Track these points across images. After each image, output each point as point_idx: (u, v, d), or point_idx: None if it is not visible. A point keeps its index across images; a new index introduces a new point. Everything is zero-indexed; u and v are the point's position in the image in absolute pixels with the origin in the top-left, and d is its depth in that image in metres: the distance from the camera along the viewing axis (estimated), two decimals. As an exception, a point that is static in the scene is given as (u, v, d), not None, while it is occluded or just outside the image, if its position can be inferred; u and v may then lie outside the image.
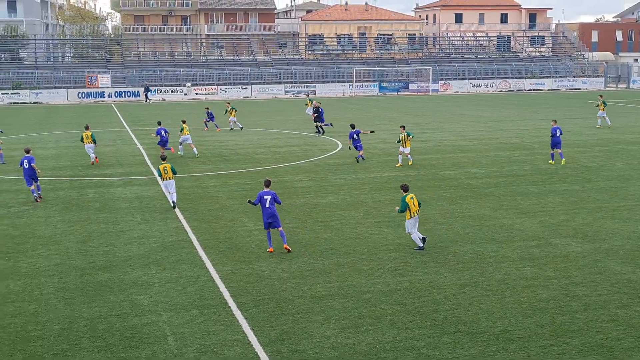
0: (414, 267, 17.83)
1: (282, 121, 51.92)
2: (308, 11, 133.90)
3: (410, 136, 32.95)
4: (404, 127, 33.32)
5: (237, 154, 37.64)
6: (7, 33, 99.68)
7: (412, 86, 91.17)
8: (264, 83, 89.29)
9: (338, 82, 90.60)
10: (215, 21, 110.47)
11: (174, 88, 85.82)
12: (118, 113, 65.30)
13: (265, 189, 19.23)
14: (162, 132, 35.48)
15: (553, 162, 33.04)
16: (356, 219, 22.99)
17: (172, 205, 24.58)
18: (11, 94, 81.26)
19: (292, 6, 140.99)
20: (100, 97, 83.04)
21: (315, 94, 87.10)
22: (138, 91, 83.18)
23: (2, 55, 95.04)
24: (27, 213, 24.33)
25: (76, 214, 24.17)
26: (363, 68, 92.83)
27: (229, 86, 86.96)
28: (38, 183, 26.85)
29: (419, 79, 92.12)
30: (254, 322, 14.44)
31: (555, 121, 33.63)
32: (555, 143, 32.65)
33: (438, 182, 29.01)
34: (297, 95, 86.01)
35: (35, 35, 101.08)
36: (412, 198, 19.09)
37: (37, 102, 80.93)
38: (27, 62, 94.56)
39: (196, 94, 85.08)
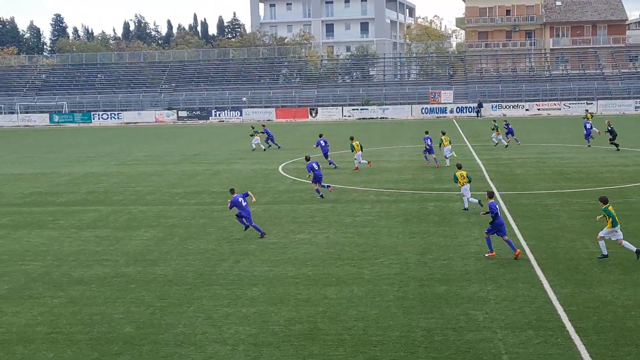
0: None
1: (634, 139, 48.77)
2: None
3: None
4: None
5: (580, 172, 36.16)
6: (359, 52, 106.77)
7: None
8: (611, 98, 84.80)
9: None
10: (560, 35, 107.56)
11: (515, 104, 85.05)
12: (459, 128, 66.34)
13: (491, 200, 20.68)
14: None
15: None
16: None
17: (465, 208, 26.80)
18: (360, 109, 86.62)
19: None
20: (442, 112, 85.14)
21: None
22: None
23: (354, 74, 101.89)
24: (371, 223, 25.69)
25: (416, 226, 24.99)
26: None
27: (573, 101, 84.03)
28: (323, 184, 30.24)
29: None
30: (594, 349, 13.74)
31: None
32: None
33: None
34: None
35: (384, 54, 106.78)
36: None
37: (383, 118, 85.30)
38: (375, 79, 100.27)
39: (538, 109, 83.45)
